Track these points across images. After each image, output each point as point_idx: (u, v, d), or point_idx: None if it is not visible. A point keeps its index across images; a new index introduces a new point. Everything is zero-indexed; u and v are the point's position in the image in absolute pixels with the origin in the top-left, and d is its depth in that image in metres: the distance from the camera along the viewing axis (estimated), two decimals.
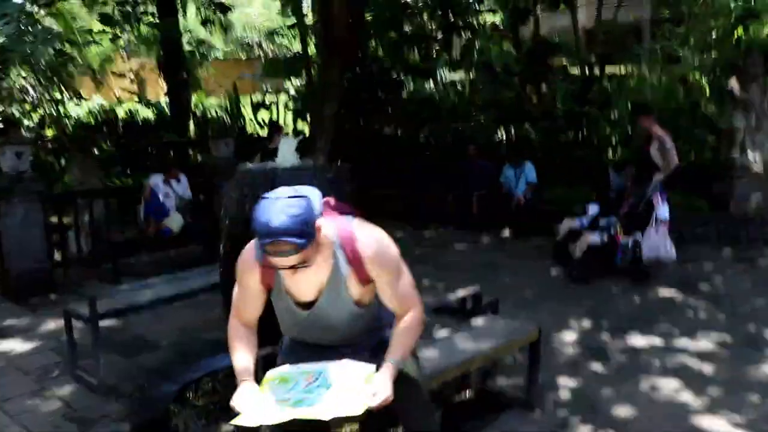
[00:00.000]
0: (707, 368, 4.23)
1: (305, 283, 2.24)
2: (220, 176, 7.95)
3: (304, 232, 2.00)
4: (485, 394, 3.71)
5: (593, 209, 7.14)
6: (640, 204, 6.56)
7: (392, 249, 2.27)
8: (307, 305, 2.30)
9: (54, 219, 7.69)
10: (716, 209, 8.55)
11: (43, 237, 6.62)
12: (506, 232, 9.62)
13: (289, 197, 2.04)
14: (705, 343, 4.71)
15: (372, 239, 2.24)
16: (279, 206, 2.00)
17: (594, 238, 6.64)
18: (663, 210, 6.53)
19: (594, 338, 4.86)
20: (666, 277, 6.59)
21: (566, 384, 4.02)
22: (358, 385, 2.17)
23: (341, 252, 2.22)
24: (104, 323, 4.54)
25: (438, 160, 11.04)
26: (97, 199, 7.66)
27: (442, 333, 3.52)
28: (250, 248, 2.30)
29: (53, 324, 5.36)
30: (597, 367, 4.30)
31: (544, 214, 9.15)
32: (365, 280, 2.24)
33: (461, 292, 3.87)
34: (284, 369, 2.33)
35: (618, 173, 7.20)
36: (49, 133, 11.42)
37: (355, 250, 2.21)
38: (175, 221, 7.33)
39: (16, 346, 4.95)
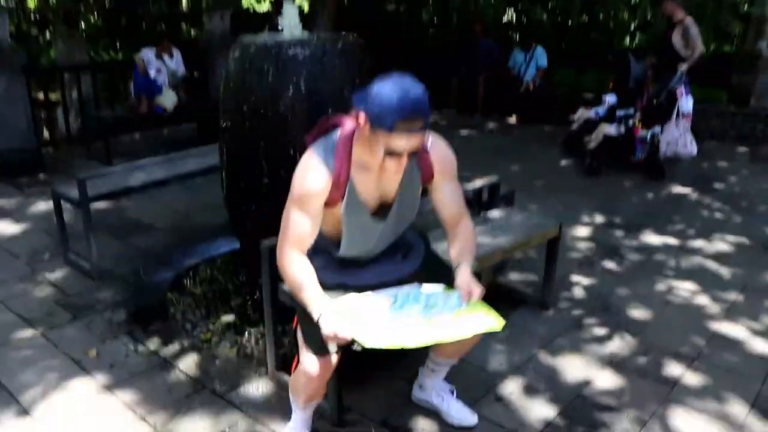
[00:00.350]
0: (724, 271, 4.08)
1: (384, 184, 2.07)
2: (216, 52, 7.52)
3: (429, 112, 1.87)
4: (497, 289, 3.54)
5: (611, 99, 6.78)
6: (660, 95, 6.19)
7: (451, 150, 2.21)
8: (383, 212, 2.12)
9: (40, 95, 7.32)
10: (736, 103, 8.18)
11: (29, 114, 6.26)
12: (513, 119, 9.30)
13: (410, 78, 1.86)
14: (721, 244, 4.54)
15: (435, 137, 2.17)
16: (408, 81, 1.84)
17: (611, 129, 6.32)
18: (686, 103, 6.18)
19: (607, 235, 4.68)
20: (681, 174, 6.36)
21: (579, 282, 3.87)
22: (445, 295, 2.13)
23: None
24: (96, 205, 4.33)
25: (442, 39, 10.48)
26: (84, 73, 7.24)
27: None
28: (315, 160, 2.02)
29: (43, 205, 5.15)
30: (611, 265, 4.14)
31: (554, 100, 8.80)
32: (429, 179, 2.15)
33: (478, 182, 3.61)
34: (347, 299, 2.11)
35: (638, 61, 6.76)
36: (31, 3, 10.70)
37: (424, 148, 2.10)
38: (168, 99, 6.93)
39: (5, 227, 4.74)
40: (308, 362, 2.12)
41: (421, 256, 2.31)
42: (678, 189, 5.91)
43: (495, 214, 3.48)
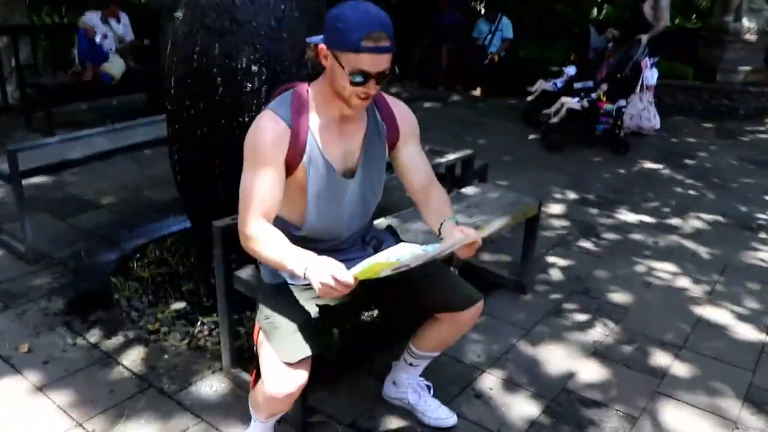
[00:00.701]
0: (702, 251, 3.93)
1: (347, 139, 1.89)
2: (167, 15, 7.03)
3: (393, 36, 1.72)
4: (468, 270, 3.30)
5: (570, 71, 6.58)
6: (625, 68, 6.01)
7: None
8: (350, 174, 1.92)
9: None
10: (701, 78, 8.09)
11: None
12: (478, 91, 9.07)
13: None
14: (697, 222, 4.41)
15: (397, 99, 2.05)
16: (366, 2, 1.72)
17: (574, 102, 6.13)
18: (651, 75, 6.02)
19: (581, 212, 4.50)
20: (648, 148, 6.25)
21: (556, 263, 3.67)
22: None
23: (374, 105, 1.95)
24: (33, 180, 3.94)
25: (404, 9, 10.11)
26: (23, 38, 6.70)
27: None
28: (268, 114, 1.82)
29: None
30: (587, 244, 3.95)
31: (519, 73, 8.58)
32: (395, 138, 1.99)
33: (451, 156, 3.35)
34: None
35: (599, 33, 6.57)
36: None
37: (387, 105, 1.99)
38: (114, 66, 6.45)
39: None
40: (276, 381, 1.77)
41: None
42: (649, 165, 5.77)
43: (469, 190, 3.24)
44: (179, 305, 3.06)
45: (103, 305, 3.05)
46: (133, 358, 2.65)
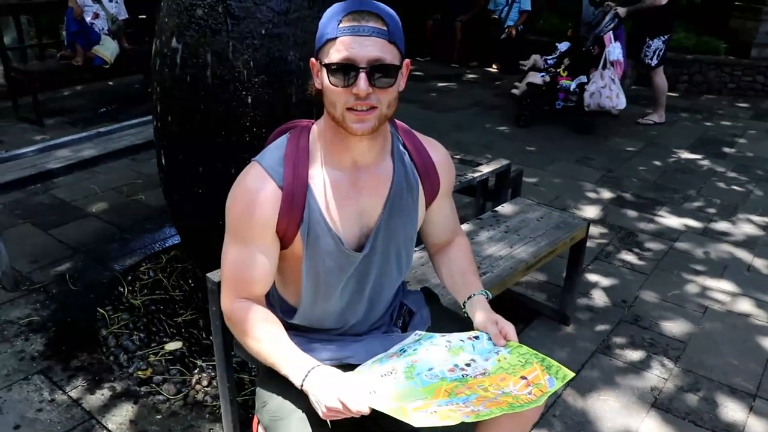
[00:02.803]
0: (760, 264, 3.52)
1: (363, 198, 1.43)
2: None
3: (396, 26, 1.29)
4: (503, 296, 2.89)
5: (562, 47, 6.08)
6: (590, 41, 5.54)
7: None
8: (361, 244, 1.46)
9: None
10: (734, 53, 7.56)
11: None
12: (494, 68, 8.57)
13: None
14: (748, 227, 3.98)
15: (432, 139, 1.59)
16: None
17: (538, 77, 5.72)
18: (614, 50, 5.50)
19: (619, 215, 4.06)
20: (683, 135, 5.77)
21: (598, 282, 3.26)
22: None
23: (403, 149, 1.50)
24: None
25: None
26: (5, 17, 6.22)
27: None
28: (255, 170, 1.38)
29: None
30: (631, 258, 3.53)
31: (539, 47, 8.07)
32: (431, 200, 1.55)
33: (485, 168, 2.92)
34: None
35: (594, 4, 6.00)
36: None
37: (421, 147, 1.53)
38: (107, 49, 5.98)
39: None
40: None
41: (426, 324, 1.63)
42: (686, 155, 5.32)
43: (507, 209, 2.81)
44: (174, 345, 2.67)
45: (88, 345, 2.67)
46: (120, 420, 2.27)
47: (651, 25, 5.64)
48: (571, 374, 1.33)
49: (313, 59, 1.34)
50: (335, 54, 1.25)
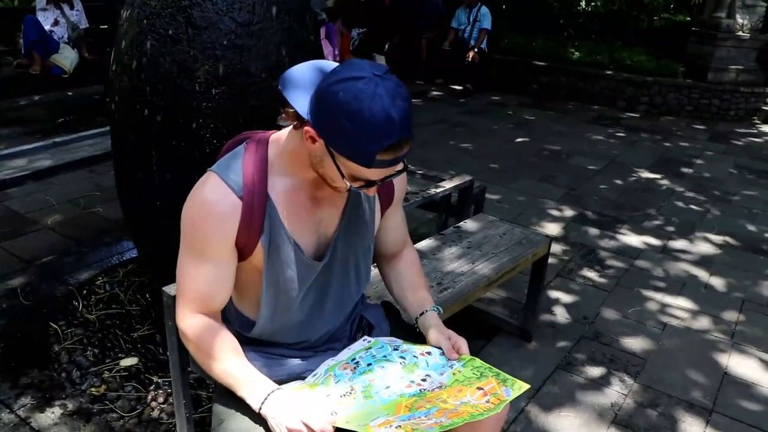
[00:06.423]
0: (716, 283, 3.58)
1: (322, 208, 1.41)
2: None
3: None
4: (465, 310, 2.89)
5: None
6: None
7: None
8: (320, 254, 1.45)
9: None
10: (692, 76, 7.78)
11: None
12: (458, 86, 8.65)
13: (387, 76, 1.18)
14: (705, 246, 4.06)
15: None
16: (389, 89, 1.16)
17: None
18: None
19: (581, 233, 4.12)
20: (643, 154, 5.88)
21: (560, 298, 3.28)
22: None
23: None
24: None
25: None
26: None
27: (426, 246, 2.60)
28: (212, 181, 1.31)
29: None
30: (592, 275, 3.57)
31: (504, 66, 8.20)
32: (386, 207, 1.56)
33: (447, 184, 2.93)
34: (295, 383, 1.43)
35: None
36: None
37: None
38: (66, 58, 5.89)
39: None
40: None
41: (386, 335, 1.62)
42: (646, 174, 5.43)
43: (470, 226, 2.81)
44: (130, 361, 2.60)
45: (39, 361, 2.58)
46: None
47: None
48: (527, 386, 1.33)
49: (313, 132, 1.21)
50: (360, 171, 1.21)
